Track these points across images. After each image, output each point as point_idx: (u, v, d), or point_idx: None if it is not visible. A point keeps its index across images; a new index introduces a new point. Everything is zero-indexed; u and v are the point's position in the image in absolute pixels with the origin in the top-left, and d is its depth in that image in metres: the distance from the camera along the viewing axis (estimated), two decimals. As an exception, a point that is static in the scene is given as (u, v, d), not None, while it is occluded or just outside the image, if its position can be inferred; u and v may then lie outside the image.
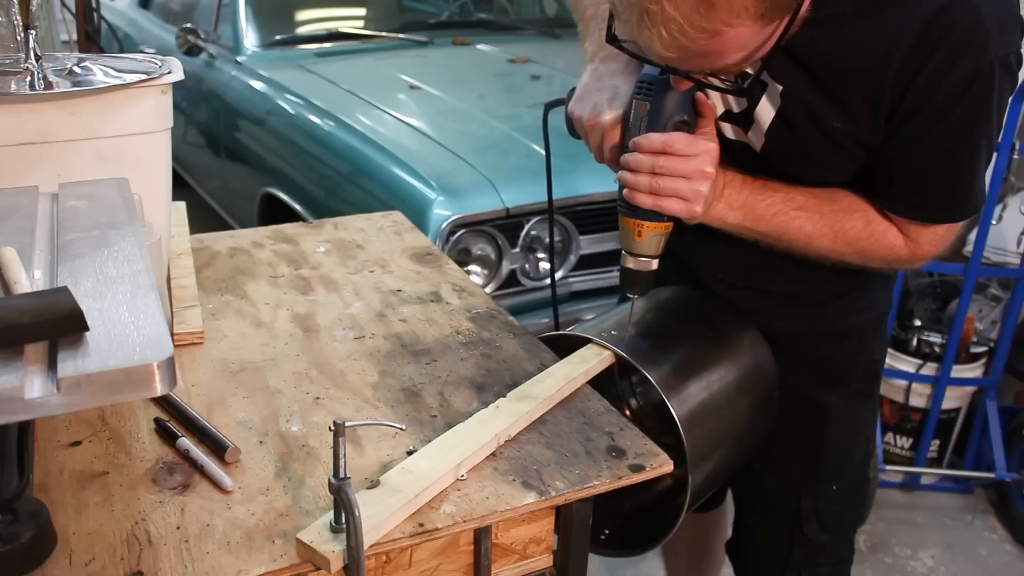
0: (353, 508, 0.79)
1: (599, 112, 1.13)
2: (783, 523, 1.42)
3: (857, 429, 1.42)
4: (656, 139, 1.05)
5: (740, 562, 1.56)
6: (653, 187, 1.05)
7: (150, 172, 1.11)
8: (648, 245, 1.13)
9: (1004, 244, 2.70)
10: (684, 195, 1.05)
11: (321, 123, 2.76)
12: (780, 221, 1.12)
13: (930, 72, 0.99)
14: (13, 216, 0.87)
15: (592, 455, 0.99)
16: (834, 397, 1.35)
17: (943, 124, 1.03)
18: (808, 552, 1.44)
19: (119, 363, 0.59)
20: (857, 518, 1.53)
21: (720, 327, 1.33)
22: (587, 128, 1.15)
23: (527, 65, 3.26)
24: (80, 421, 1.01)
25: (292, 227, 1.62)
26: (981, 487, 2.70)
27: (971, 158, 1.06)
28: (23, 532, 0.79)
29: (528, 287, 2.38)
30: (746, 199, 1.11)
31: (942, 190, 1.09)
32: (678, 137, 1.04)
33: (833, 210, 1.12)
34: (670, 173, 1.04)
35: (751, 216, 1.12)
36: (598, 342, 1.19)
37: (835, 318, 1.33)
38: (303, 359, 1.18)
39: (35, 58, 1.05)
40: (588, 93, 1.16)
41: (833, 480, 1.40)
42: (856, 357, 1.37)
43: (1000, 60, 0.98)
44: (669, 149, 1.04)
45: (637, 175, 1.06)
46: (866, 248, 1.14)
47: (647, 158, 1.05)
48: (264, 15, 3.49)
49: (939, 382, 2.54)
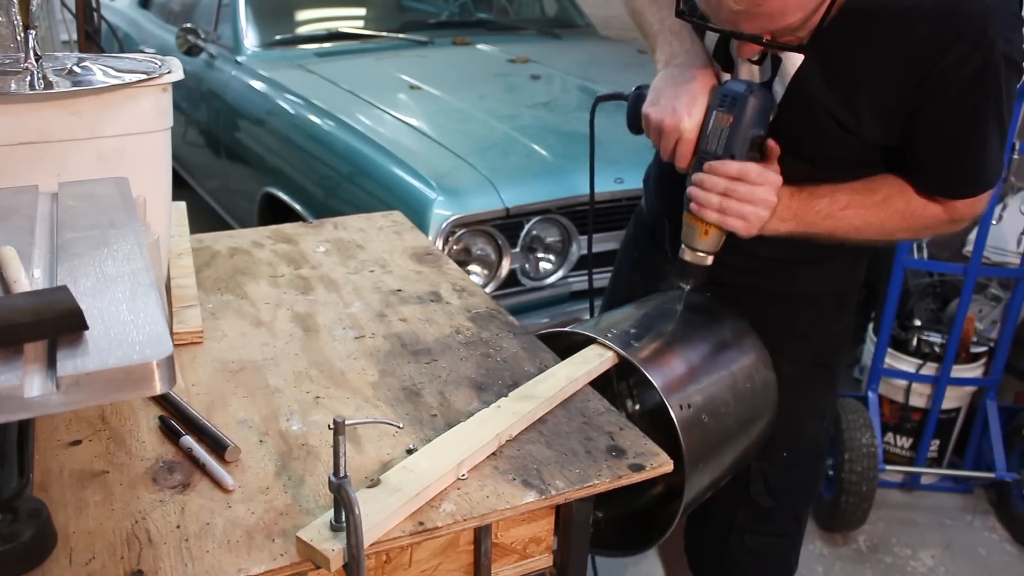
0: (353, 506, 0.79)
1: (679, 118, 1.19)
2: (732, 483, 1.44)
3: (811, 401, 1.46)
4: (733, 166, 1.15)
5: (690, 520, 1.60)
6: (722, 207, 1.16)
7: (150, 172, 1.11)
8: (710, 243, 1.22)
9: (1004, 244, 2.70)
10: (747, 218, 1.16)
11: (321, 123, 2.76)
12: (830, 224, 1.20)
13: (944, 66, 1.08)
14: (13, 215, 0.87)
15: (592, 454, 0.99)
16: (786, 362, 1.38)
17: (956, 113, 1.12)
18: (752, 516, 1.48)
19: (119, 362, 0.59)
20: (809, 495, 1.56)
21: (723, 332, 1.34)
22: (665, 130, 1.21)
23: (527, 65, 3.26)
24: (80, 420, 1.01)
25: (292, 227, 1.62)
26: (981, 487, 2.69)
27: (983, 141, 1.15)
28: (23, 531, 0.79)
29: (528, 287, 2.38)
30: (796, 210, 1.19)
31: (959, 170, 1.19)
32: (752, 167, 1.15)
33: (875, 201, 1.20)
34: (739, 198, 1.15)
35: (802, 224, 1.20)
36: (603, 342, 1.19)
37: (804, 282, 1.39)
38: (303, 358, 1.18)
39: (35, 58, 1.05)
40: (665, 97, 1.22)
41: (784, 447, 1.44)
42: (814, 326, 1.42)
43: (1005, 55, 1.08)
44: (744, 177, 1.15)
45: (709, 194, 1.17)
46: (912, 225, 1.23)
47: (722, 181, 1.16)
48: (264, 15, 3.49)
49: (939, 382, 2.54)
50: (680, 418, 1.14)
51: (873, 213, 1.20)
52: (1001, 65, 1.08)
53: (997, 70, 1.08)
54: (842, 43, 1.11)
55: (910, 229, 1.24)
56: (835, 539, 2.50)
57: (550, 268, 2.40)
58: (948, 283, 2.74)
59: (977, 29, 1.06)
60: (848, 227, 1.20)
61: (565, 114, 2.84)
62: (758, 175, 1.15)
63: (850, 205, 1.19)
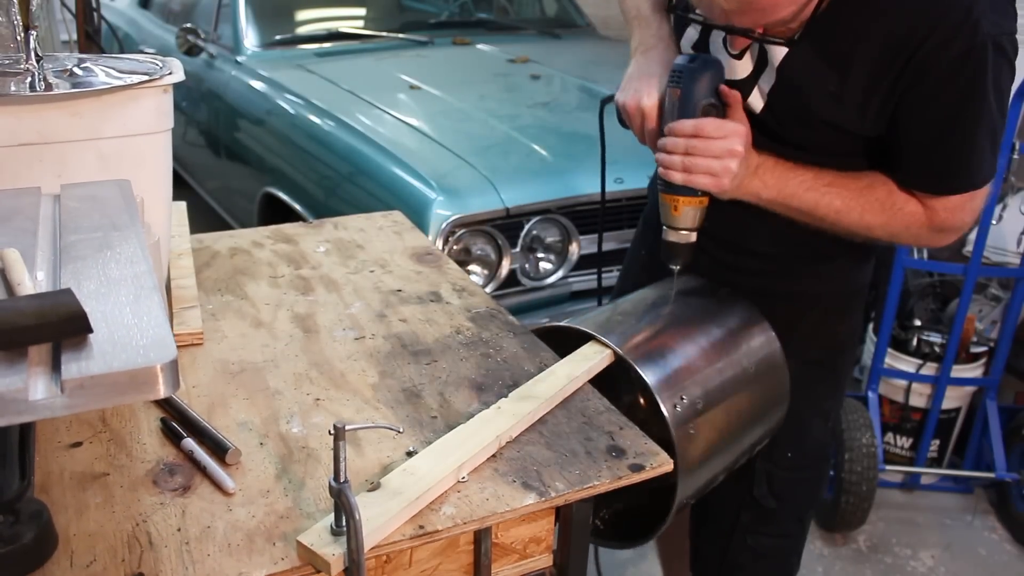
0: (353, 512, 0.79)
1: (639, 99, 1.23)
2: (736, 483, 1.44)
3: (814, 402, 1.45)
4: (688, 123, 1.16)
5: (694, 520, 1.60)
6: (686, 165, 1.16)
7: (151, 173, 1.11)
8: (685, 219, 1.23)
9: (1004, 244, 2.71)
10: (714, 171, 1.15)
11: (321, 123, 2.76)
12: (811, 197, 1.20)
13: (928, 48, 1.07)
14: (16, 217, 0.87)
15: (592, 455, 1.00)
16: (789, 362, 1.38)
17: (940, 98, 1.11)
18: (756, 517, 1.48)
19: (123, 365, 0.59)
20: (813, 498, 1.55)
21: (728, 320, 1.33)
22: (630, 113, 1.25)
23: (527, 65, 3.26)
24: (81, 422, 1.01)
25: (292, 227, 1.62)
26: (981, 487, 2.70)
27: (966, 133, 1.13)
28: (24, 533, 0.79)
29: (528, 287, 2.38)
30: (779, 176, 1.20)
31: (942, 162, 1.17)
32: (708, 121, 1.16)
33: (859, 185, 1.20)
34: (701, 153, 1.15)
35: (784, 192, 1.20)
36: (600, 339, 1.19)
37: (808, 282, 1.38)
38: (303, 360, 1.18)
39: (35, 58, 1.05)
40: (630, 82, 1.27)
41: (787, 447, 1.44)
42: (818, 328, 1.42)
43: (992, 39, 1.06)
44: (700, 132, 1.15)
45: (672, 155, 1.17)
46: (891, 220, 1.21)
47: (681, 140, 1.16)
48: (264, 15, 3.49)
49: (939, 382, 2.54)
50: (673, 414, 1.14)
51: (854, 197, 1.19)
52: (988, 50, 1.06)
53: (982, 54, 1.06)
54: (831, 30, 1.11)
55: (889, 225, 1.22)
56: (835, 539, 2.50)
57: (550, 268, 2.41)
58: (948, 283, 2.74)
59: (962, 10, 1.05)
60: (828, 207, 1.20)
61: (565, 114, 2.84)
62: (716, 128, 1.15)
63: (833, 184, 1.19)
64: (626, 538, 1.30)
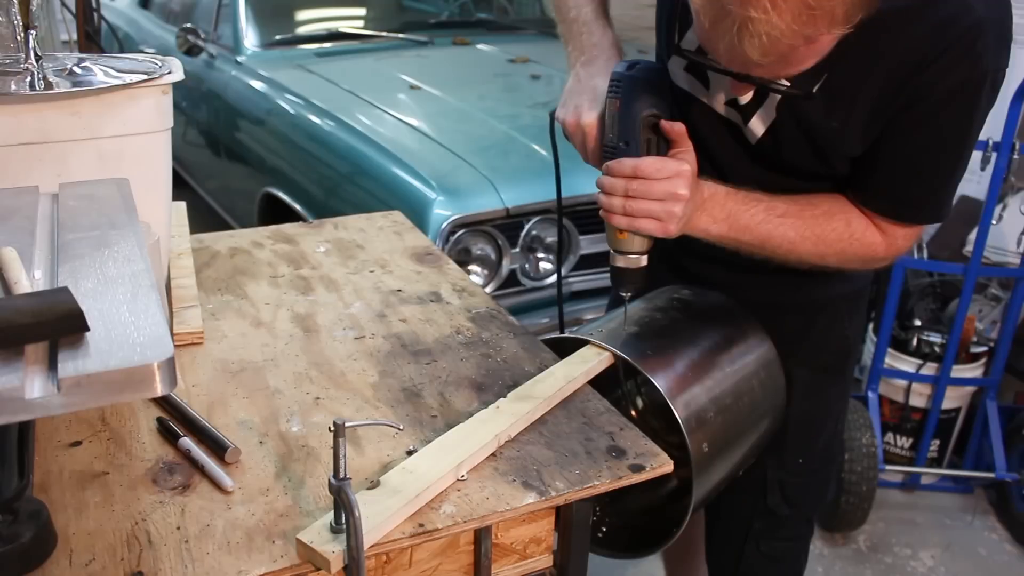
0: (353, 509, 0.79)
1: (579, 114, 1.16)
2: (748, 492, 1.43)
3: (825, 406, 1.44)
4: (627, 164, 1.07)
5: (705, 529, 1.59)
6: (627, 209, 1.08)
7: (150, 172, 1.11)
8: (632, 242, 1.15)
9: (1004, 244, 2.70)
10: (657, 215, 1.08)
11: (321, 123, 2.76)
12: (764, 230, 1.15)
13: (932, 73, 1.04)
14: (13, 216, 0.87)
15: (592, 455, 0.99)
16: (801, 370, 1.36)
17: (930, 124, 1.08)
18: (768, 524, 1.46)
19: (119, 363, 0.59)
20: (821, 497, 1.54)
21: (726, 327, 1.33)
22: (570, 131, 1.19)
23: (527, 65, 3.26)
24: (80, 421, 1.01)
25: (292, 227, 1.62)
26: (981, 487, 2.70)
27: (949, 165, 1.12)
28: (23, 532, 0.79)
29: (528, 287, 2.38)
30: (730, 211, 1.14)
31: (917, 191, 1.14)
32: (648, 161, 1.07)
33: (815, 214, 1.16)
34: (643, 196, 1.07)
35: (735, 227, 1.14)
36: (597, 343, 1.19)
37: (811, 289, 1.35)
38: (303, 359, 1.17)
39: (35, 58, 1.05)
40: (571, 96, 1.19)
41: (799, 453, 1.42)
42: (828, 333, 1.39)
43: (991, 73, 1.04)
44: (640, 173, 1.07)
45: (611, 197, 1.09)
46: (846, 249, 1.17)
47: (620, 182, 1.08)
48: (264, 15, 3.49)
49: (939, 382, 2.54)
50: (685, 416, 1.14)
51: (809, 227, 1.15)
52: (985, 82, 1.04)
53: (980, 85, 1.04)
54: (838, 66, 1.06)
55: (842, 253, 1.18)
56: (835, 539, 2.50)
57: (550, 268, 2.40)
58: (948, 283, 2.74)
59: (970, 40, 1.02)
60: (781, 239, 1.15)
61: (565, 114, 2.84)
62: (656, 169, 1.06)
63: (787, 215, 1.14)
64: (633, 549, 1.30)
